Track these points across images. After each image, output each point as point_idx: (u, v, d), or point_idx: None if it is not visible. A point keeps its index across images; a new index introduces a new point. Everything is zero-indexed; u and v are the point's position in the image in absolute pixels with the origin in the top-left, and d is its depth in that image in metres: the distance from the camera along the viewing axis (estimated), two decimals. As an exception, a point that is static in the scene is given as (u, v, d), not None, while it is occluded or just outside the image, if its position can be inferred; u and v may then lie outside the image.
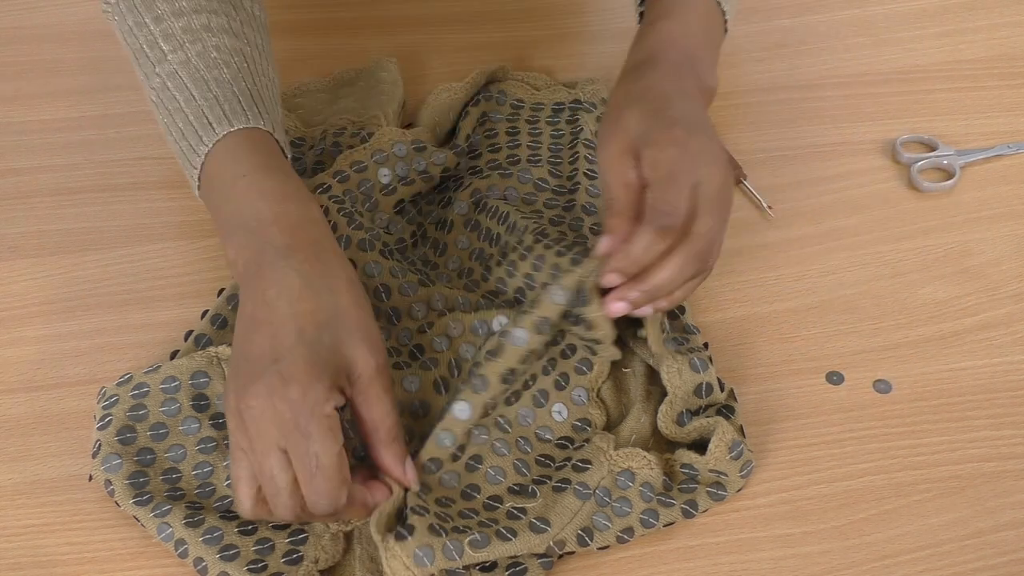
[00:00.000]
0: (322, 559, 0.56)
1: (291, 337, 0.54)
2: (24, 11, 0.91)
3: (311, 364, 0.53)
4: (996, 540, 0.59)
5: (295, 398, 0.52)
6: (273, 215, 0.58)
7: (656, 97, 0.62)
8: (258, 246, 0.57)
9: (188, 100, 0.62)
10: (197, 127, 0.62)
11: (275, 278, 0.56)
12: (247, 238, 0.58)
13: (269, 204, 0.59)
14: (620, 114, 0.62)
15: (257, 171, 0.60)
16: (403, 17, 0.91)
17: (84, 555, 0.58)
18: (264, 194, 0.59)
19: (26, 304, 0.70)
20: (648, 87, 0.63)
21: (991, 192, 0.78)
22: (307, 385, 0.52)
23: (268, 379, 0.53)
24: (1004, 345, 0.68)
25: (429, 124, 0.79)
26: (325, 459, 0.52)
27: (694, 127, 0.60)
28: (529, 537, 0.56)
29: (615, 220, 0.60)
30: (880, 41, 0.90)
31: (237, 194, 0.60)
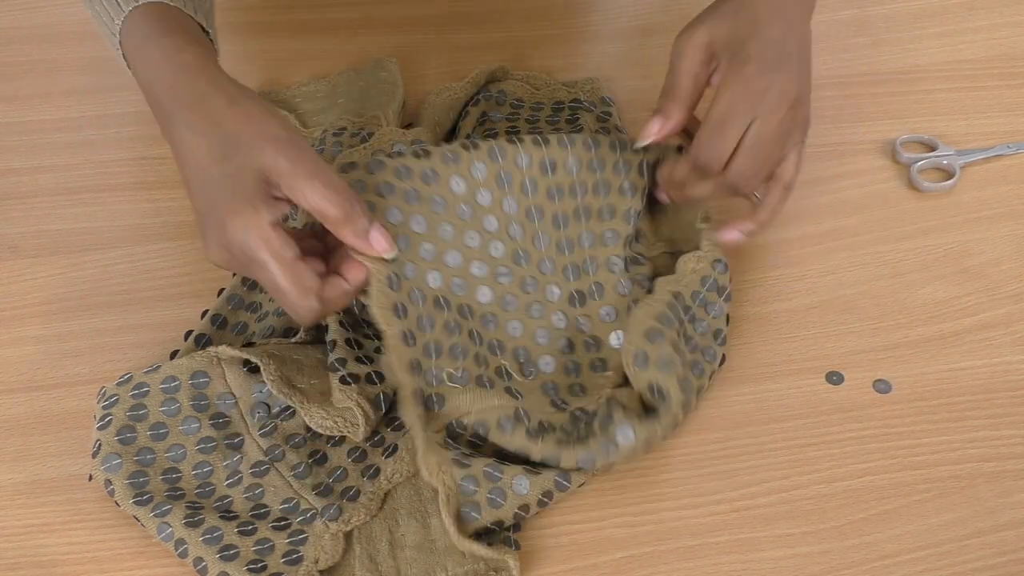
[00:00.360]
0: (322, 559, 0.56)
1: (207, 187, 0.56)
2: (24, 11, 0.91)
3: (229, 199, 0.55)
4: (996, 540, 0.59)
5: (234, 236, 0.55)
6: (161, 83, 0.60)
7: (751, 19, 0.63)
8: (162, 116, 0.60)
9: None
10: (110, 9, 0.63)
11: (177, 142, 0.58)
12: (156, 108, 0.61)
13: (158, 67, 0.60)
14: (714, 14, 0.63)
15: (154, 38, 0.61)
16: (403, 17, 0.91)
17: (84, 555, 0.58)
18: (156, 58, 0.61)
19: (26, 304, 0.70)
20: (749, 3, 0.64)
21: (991, 192, 0.78)
22: (235, 220, 0.55)
23: (212, 231, 0.56)
24: (1004, 345, 0.68)
25: (429, 124, 0.79)
26: (280, 280, 0.55)
27: (771, 64, 0.62)
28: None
29: (671, 104, 0.64)
30: (880, 41, 0.90)
31: (139, 63, 0.62)
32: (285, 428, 0.62)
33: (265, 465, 0.60)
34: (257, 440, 0.61)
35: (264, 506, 0.59)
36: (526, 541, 0.59)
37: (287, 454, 0.60)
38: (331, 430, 0.60)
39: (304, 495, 0.59)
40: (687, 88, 0.64)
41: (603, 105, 0.81)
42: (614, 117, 0.80)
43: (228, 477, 0.60)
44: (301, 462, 0.60)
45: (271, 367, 0.60)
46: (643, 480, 0.61)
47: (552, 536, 0.59)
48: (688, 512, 0.60)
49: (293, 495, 0.59)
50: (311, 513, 0.58)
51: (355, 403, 0.59)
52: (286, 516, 0.58)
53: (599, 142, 0.68)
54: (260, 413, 0.62)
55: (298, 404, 0.60)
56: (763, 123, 0.62)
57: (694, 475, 0.61)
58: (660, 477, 0.61)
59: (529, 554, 0.58)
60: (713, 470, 0.62)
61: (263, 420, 0.62)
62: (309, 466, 0.60)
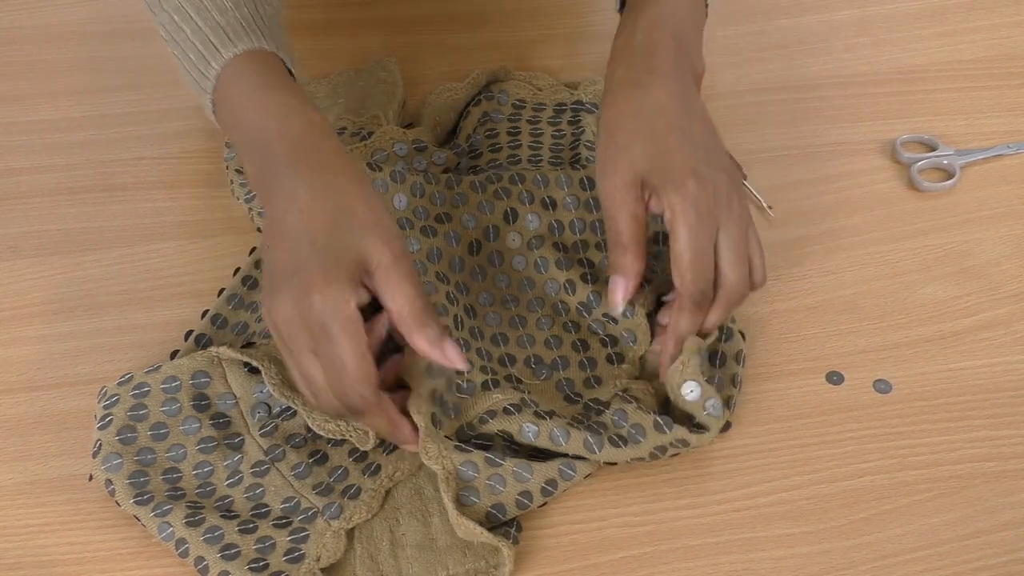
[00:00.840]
0: (324, 557, 0.57)
1: (305, 248, 0.56)
2: (24, 11, 0.91)
3: (326, 269, 0.55)
4: (996, 540, 0.59)
5: (316, 304, 0.54)
6: (277, 131, 0.60)
7: (660, 122, 0.61)
8: (267, 162, 0.60)
9: (195, 31, 0.64)
10: (205, 53, 0.63)
11: (283, 192, 0.58)
12: (257, 155, 0.60)
13: (273, 120, 0.60)
14: (623, 140, 0.61)
15: (261, 89, 0.62)
16: (403, 17, 0.91)
17: (84, 555, 0.58)
18: (268, 111, 0.61)
19: (26, 304, 0.70)
20: (649, 106, 0.62)
21: (991, 192, 0.78)
22: (325, 290, 0.54)
23: (292, 290, 0.55)
24: (1004, 345, 0.68)
25: (430, 124, 0.79)
26: (347, 358, 0.54)
27: (704, 169, 0.60)
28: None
29: (625, 258, 0.61)
30: (880, 41, 0.90)
31: (246, 114, 0.62)
32: (286, 428, 0.62)
33: (265, 465, 0.60)
34: (257, 440, 0.61)
35: (265, 505, 0.59)
36: (526, 541, 0.59)
37: (288, 454, 0.60)
38: (332, 433, 0.60)
39: (305, 494, 0.59)
40: (633, 234, 0.61)
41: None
42: (614, 117, 0.80)
43: (228, 477, 0.60)
44: (302, 462, 0.60)
45: (272, 370, 0.60)
46: (643, 480, 0.61)
47: (552, 536, 0.59)
48: (688, 512, 0.60)
49: (294, 494, 0.59)
50: (312, 512, 0.58)
51: None
52: (287, 515, 0.58)
53: (594, 182, 0.70)
54: (261, 413, 0.62)
55: (300, 407, 0.60)
56: (728, 229, 0.60)
57: (694, 475, 0.61)
58: (660, 477, 0.61)
59: (529, 554, 0.58)
60: (713, 470, 0.62)
61: (263, 420, 0.62)
62: (309, 466, 0.60)
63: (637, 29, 0.65)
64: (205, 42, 0.63)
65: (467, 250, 0.68)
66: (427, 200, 0.68)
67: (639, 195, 0.60)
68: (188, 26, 0.64)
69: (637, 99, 0.62)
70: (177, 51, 0.65)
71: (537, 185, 0.70)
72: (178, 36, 0.65)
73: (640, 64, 0.64)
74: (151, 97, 0.83)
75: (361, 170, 0.60)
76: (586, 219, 0.70)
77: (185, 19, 0.64)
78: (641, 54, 0.64)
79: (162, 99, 0.83)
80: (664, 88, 0.63)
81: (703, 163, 0.60)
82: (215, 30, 0.63)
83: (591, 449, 0.58)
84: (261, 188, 0.60)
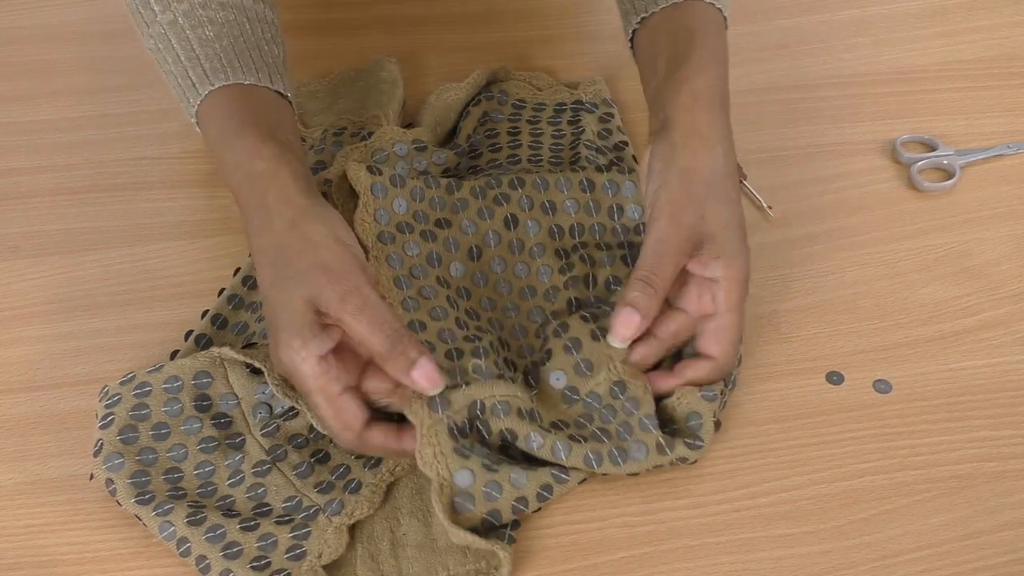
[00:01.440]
0: (325, 553, 0.57)
1: (267, 306, 0.59)
2: (24, 11, 0.91)
3: (280, 329, 0.57)
4: (996, 540, 0.59)
5: (284, 363, 0.57)
6: (237, 181, 0.61)
7: (727, 190, 0.62)
8: (241, 205, 0.62)
9: (176, 61, 0.65)
10: (184, 88, 0.64)
11: (252, 249, 0.61)
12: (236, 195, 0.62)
13: (234, 168, 0.62)
14: (698, 193, 0.62)
15: (228, 132, 0.62)
16: (403, 17, 0.91)
17: (84, 555, 0.58)
18: (230, 156, 0.62)
19: (26, 304, 0.70)
20: (719, 168, 0.63)
21: (991, 192, 0.78)
22: (281, 350, 0.57)
23: (272, 348, 0.58)
24: (1004, 345, 0.68)
25: (430, 124, 0.79)
26: (322, 411, 0.57)
27: (744, 251, 0.62)
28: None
29: (651, 301, 0.61)
30: (880, 41, 0.90)
31: (217, 153, 0.63)
32: (287, 428, 0.62)
33: (267, 464, 0.60)
34: (259, 440, 0.61)
35: (266, 505, 0.59)
36: (527, 541, 0.59)
37: (289, 454, 0.60)
38: None
39: (306, 493, 0.59)
40: (668, 282, 0.61)
41: (605, 106, 0.81)
42: (616, 118, 0.80)
43: (230, 477, 0.60)
44: (303, 461, 0.60)
45: (274, 371, 0.60)
46: (643, 480, 0.61)
47: (552, 536, 0.59)
48: (688, 512, 0.60)
49: (295, 493, 0.59)
50: (314, 510, 0.58)
51: None
52: (289, 513, 0.58)
53: (593, 184, 0.70)
54: (262, 413, 0.62)
55: (302, 406, 0.60)
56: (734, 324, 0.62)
57: (694, 475, 0.61)
58: (660, 477, 0.61)
59: (529, 554, 0.58)
60: (713, 470, 0.62)
61: (265, 420, 0.62)
62: (311, 465, 0.60)
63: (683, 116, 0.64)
64: (184, 76, 0.64)
65: (467, 255, 0.68)
66: (427, 204, 0.68)
67: (691, 251, 0.61)
68: (170, 56, 0.65)
69: (712, 157, 0.63)
70: (166, 77, 0.66)
71: (537, 189, 0.70)
72: (163, 64, 0.66)
73: (706, 119, 0.64)
74: (151, 97, 0.83)
75: (308, 201, 0.60)
76: (585, 223, 0.70)
77: (168, 48, 0.65)
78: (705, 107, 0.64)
79: (162, 99, 0.83)
80: (727, 153, 0.64)
81: (743, 246, 0.62)
82: (193, 64, 0.64)
83: (590, 464, 0.58)
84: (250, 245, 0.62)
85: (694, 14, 0.67)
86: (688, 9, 0.67)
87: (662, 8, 0.68)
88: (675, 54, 0.66)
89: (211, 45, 0.64)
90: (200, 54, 0.64)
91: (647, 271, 0.61)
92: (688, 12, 0.67)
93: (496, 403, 0.59)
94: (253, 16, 0.67)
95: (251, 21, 0.66)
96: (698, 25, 0.67)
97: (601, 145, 0.77)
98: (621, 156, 0.76)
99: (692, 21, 0.67)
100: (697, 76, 0.64)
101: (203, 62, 0.64)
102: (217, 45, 0.64)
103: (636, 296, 0.61)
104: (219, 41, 0.64)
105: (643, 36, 0.69)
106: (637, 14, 0.70)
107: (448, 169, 0.75)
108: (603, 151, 0.76)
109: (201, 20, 0.65)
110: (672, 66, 0.65)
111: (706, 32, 0.66)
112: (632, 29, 0.70)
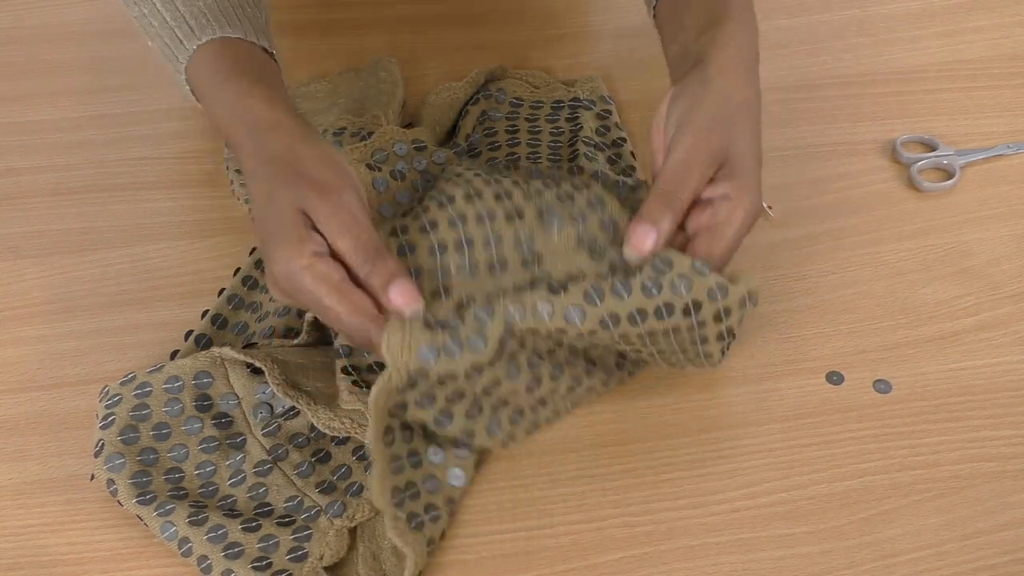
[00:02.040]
0: (327, 555, 0.57)
1: (260, 225, 0.59)
2: (24, 11, 0.91)
3: (272, 233, 0.57)
4: (996, 540, 0.59)
5: (278, 270, 0.57)
6: (225, 130, 0.63)
7: (753, 122, 0.62)
8: (236, 151, 0.62)
9: (162, 24, 0.66)
10: (172, 47, 0.65)
11: (247, 186, 0.61)
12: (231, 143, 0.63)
13: (229, 110, 0.62)
14: (728, 116, 0.61)
15: (219, 82, 0.64)
16: (403, 17, 0.91)
17: (84, 555, 0.58)
18: (225, 102, 0.63)
19: (26, 304, 0.70)
20: (748, 100, 0.62)
21: (991, 192, 0.78)
22: (277, 252, 0.56)
23: (268, 267, 0.58)
24: (1004, 345, 0.68)
25: (429, 124, 0.79)
26: (327, 300, 0.56)
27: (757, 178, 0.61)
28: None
29: (667, 216, 0.59)
30: (880, 41, 0.90)
31: (211, 107, 0.64)
32: (288, 428, 0.62)
33: (268, 464, 0.60)
34: (260, 440, 0.61)
35: (267, 504, 0.59)
36: (527, 541, 0.59)
37: (290, 453, 0.61)
38: (339, 431, 0.60)
39: (307, 493, 0.59)
40: (691, 197, 0.60)
41: (602, 103, 0.81)
42: (614, 115, 0.80)
43: (231, 476, 0.60)
44: (304, 461, 0.60)
45: (275, 370, 0.60)
46: (643, 480, 0.61)
47: (552, 536, 0.59)
48: (688, 512, 0.60)
49: (296, 493, 0.59)
50: (315, 510, 0.58)
51: (365, 406, 0.59)
52: (290, 514, 0.58)
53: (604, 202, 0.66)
54: (263, 413, 0.62)
55: (304, 406, 0.60)
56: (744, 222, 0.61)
57: (694, 475, 0.62)
58: (660, 477, 0.61)
59: (529, 554, 0.58)
60: (713, 470, 0.62)
61: (266, 420, 0.62)
62: (312, 464, 0.60)
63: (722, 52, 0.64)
64: (171, 35, 0.65)
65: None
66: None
67: (713, 172, 0.60)
68: (156, 19, 0.66)
69: (748, 89, 0.62)
70: (152, 43, 0.67)
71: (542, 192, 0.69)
72: (149, 30, 0.67)
73: (742, 59, 0.63)
74: (151, 97, 0.83)
75: (301, 130, 0.61)
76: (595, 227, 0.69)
77: (153, 12, 0.66)
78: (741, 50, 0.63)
79: (162, 99, 0.83)
80: (758, 94, 0.63)
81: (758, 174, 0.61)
82: (179, 22, 0.65)
83: (592, 301, 0.56)
84: (244, 176, 0.62)
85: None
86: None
87: None
88: (706, 14, 0.65)
89: (195, 3, 0.65)
90: (185, 13, 0.65)
91: (670, 186, 0.59)
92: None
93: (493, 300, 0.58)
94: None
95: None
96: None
97: (599, 142, 0.77)
98: (619, 153, 0.76)
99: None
100: (735, 33, 0.63)
101: (188, 20, 0.65)
102: (201, 3, 0.65)
103: (657, 211, 0.59)
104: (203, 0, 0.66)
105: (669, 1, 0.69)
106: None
107: (448, 169, 0.75)
108: (601, 148, 0.76)
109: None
110: (704, 24, 0.65)
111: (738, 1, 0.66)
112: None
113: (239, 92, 0.62)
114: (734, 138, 0.60)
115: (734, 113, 0.61)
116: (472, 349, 0.55)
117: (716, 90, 0.61)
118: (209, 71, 0.64)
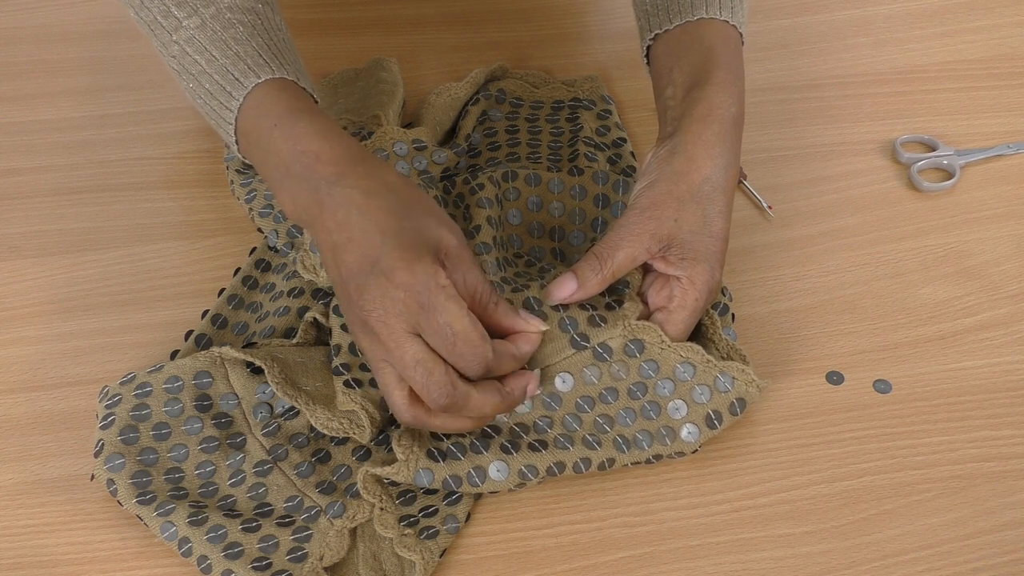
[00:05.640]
0: (327, 556, 0.57)
1: (377, 239, 0.55)
2: (24, 11, 0.91)
3: (406, 249, 0.55)
4: (996, 540, 0.59)
5: (406, 282, 0.54)
6: (314, 154, 0.59)
7: (718, 203, 0.62)
8: (310, 185, 0.59)
9: (210, 61, 0.64)
10: (224, 84, 0.63)
11: (338, 202, 0.57)
12: (296, 183, 0.59)
13: (308, 145, 0.60)
14: (681, 194, 0.62)
15: (289, 117, 0.61)
16: (403, 17, 0.91)
17: (84, 555, 0.58)
18: (300, 137, 0.60)
19: (26, 304, 0.70)
20: (715, 181, 0.62)
21: (991, 192, 0.78)
22: (414, 266, 0.54)
23: (375, 281, 0.55)
24: (1004, 345, 0.68)
25: (429, 124, 0.79)
26: (458, 324, 0.54)
27: (715, 260, 0.62)
28: None
29: (594, 279, 0.61)
30: (880, 41, 0.90)
31: (276, 143, 0.61)
32: (288, 428, 0.62)
33: (268, 464, 0.60)
34: (260, 440, 0.61)
35: (267, 504, 0.59)
36: (527, 541, 0.59)
37: (290, 453, 0.61)
38: (336, 431, 0.60)
39: (308, 493, 0.59)
40: (621, 271, 0.62)
41: (602, 103, 0.81)
42: (614, 115, 0.80)
43: (231, 476, 0.60)
44: (304, 461, 0.60)
45: (275, 370, 0.60)
46: (643, 480, 0.61)
47: (552, 536, 0.59)
48: (688, 512, 0.60)
49: (296, 493, 0.59)
50: (315, 511, 0.58)
51: (359, 406, 0.59)
52: (290, 514, 0.58)
53: (585, 192, 0.71)
54: (263, 413, 0.62)
55: (303, 406, 0.60)
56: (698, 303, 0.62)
57: (694, 475, 0.62)
58: (660, 477, 0.61)
59: (529, 554, 0.58)
60: (713, 470, 0.62)
61: (266, 420, 0.62)
62: (312, 464, 0.60)
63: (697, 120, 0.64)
64: (223, 73, 0.63)
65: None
66: None
67: (656, 249, 0.61)
68: (203, 57, 0.64)
69: (711, 167, 0.63)
70: (192, 83, 0.65)
71: (528, 183, 0.70)
72: (192, 68, 0.64)
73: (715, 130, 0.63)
74: (151, 97, 0.83)
75: (408, 179, 0.60)
76: (567, 228, 0.70)
77: (199, 50, 0.64)
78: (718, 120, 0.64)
79: (162, 99, 0.83)
80: (728, 167, 0.63)
81: (716, 257, 0.62)
82: (234, 61, 0.63)
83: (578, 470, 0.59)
84: (307, 212, 0.59)
85: (713, 32, 0.67)
86: (707, 27, 0.67)
87: (680, 24, 0.68)
88: (693, 72, 0.66)
89: (247, 43, 0.64)
90: (239, 51, 0.63)
91: (603, 249, 0.61)
92: (707, 30, 0.67)
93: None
94: (271, 25, 0.66)
95: (272, 29, 0.66)
96: (718, 43, 0.66)
97: (599, 142, 0.77)
98: (619, 153, 0.76)
99: (711, 39, 0.67)
100: (716, 94, 0.64)
101: (245, 58, 0.63)
102: (253, 43, 0.64)
103: (582, 267, 0.61)
104: (252, 40, 0.64)
105: (660, 47, 0.69)
106: (660, 26, 0.69)
107: (448, 168, 0.75)
108: (601, 148, 0.76)
109: (231, 22, 0.64)
110: (690, 83, 0.65)
111: (725, 51, 0.66)
112: (655, 33, 0.70)
113: (321, 130, 0.60)
114: (682, 219, 0.61)
115: (686, 193, 0.62)
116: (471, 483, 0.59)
117: (675, 168, 0.62)
118: (277, 105, 0.61)
